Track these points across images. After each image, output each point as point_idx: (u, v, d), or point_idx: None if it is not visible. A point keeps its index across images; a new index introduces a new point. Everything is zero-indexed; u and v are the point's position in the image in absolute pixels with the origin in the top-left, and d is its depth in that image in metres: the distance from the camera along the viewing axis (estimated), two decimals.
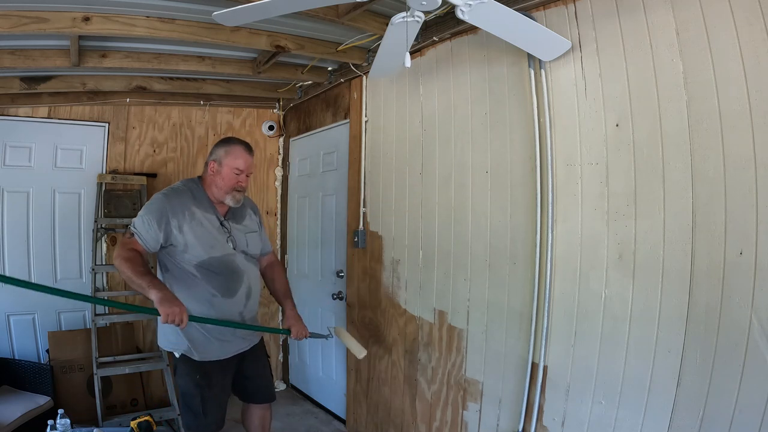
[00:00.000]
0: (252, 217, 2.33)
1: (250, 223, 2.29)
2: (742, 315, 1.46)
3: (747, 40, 1.46)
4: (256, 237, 2.30)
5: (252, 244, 2.27)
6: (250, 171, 2.17)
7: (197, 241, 2.06)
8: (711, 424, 1.53)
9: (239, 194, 2.15)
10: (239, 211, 2.25)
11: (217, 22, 1.77)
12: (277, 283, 2.40)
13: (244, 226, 2.25)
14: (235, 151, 2.12)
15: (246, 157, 2.14)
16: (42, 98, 3.27)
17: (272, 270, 2.42)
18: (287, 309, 2.34)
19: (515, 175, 2.16)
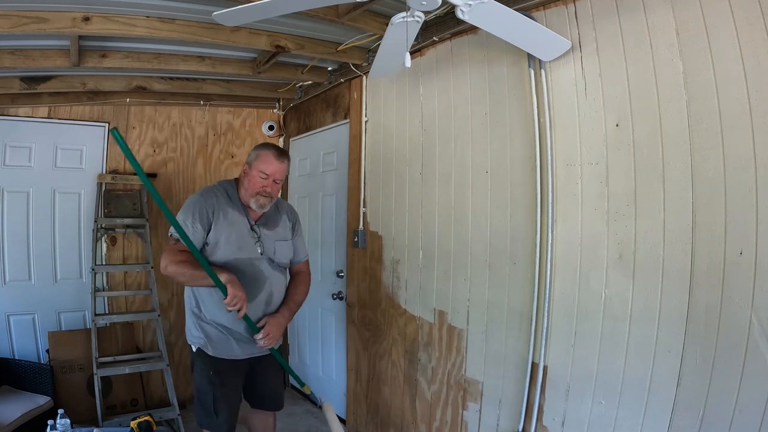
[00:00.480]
0: (286, 224, 2.29)
1: (283, 231, 2.26)
2: (742, 315, 1.46)
3: (747, 40, 1.46)
4: (286, 245, 2.26)
5: (281, 252, 2.23)
6: (277, 177, 2.12)
7: (227, 240, 2.08)
8: (711, 424, 1.53)
9: (264, 199, 2.11)
10: (273, 217, 2.24)
11: (217, 22, 1.77)
12: (291, 290, 2.30)
13: (274, 232, 2.22)
14: (264, 155, 2.11)
15: (274, 163, 2.10)
16: (42, 98, 3.27)
17: (295, 278, 2.35)
18: (279, 312, 2.19)
19: (515, 175, 2.16)
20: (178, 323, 3.84)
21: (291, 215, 2.33)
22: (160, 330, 3.38)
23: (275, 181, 2.11)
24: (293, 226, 2.32)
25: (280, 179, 2.13)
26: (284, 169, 2.14)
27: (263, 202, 2.11)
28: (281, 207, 2.28)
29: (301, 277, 2.36)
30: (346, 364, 3.31)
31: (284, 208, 2.31)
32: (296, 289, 2.30)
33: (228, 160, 4.01)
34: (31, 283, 3.36)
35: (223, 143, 3.99)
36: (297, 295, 2.29)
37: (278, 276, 2.23)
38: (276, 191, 2.15)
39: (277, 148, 2.16)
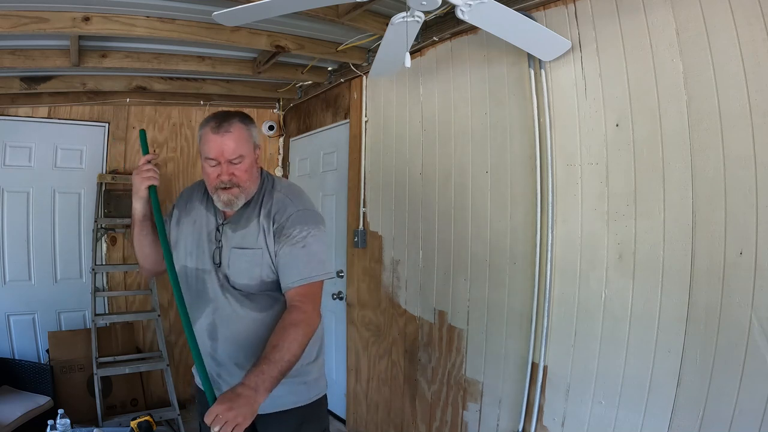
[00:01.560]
0: (259, 225, 1.50)
1: (248, 234, 1.51)
2: (742, 315, 1.46)
3: (747, 40, 1.46)
4: (247, 257, 1.49)
5: (237, 266, 1.49)
6: (229, 155, 1.44)
7: (181, 240, 1.60)
8: (711, 424, 1.53)
9: (225, 193, 1.47)
10: (247, 213, 1.53)
11: (217, 22, 1.77)
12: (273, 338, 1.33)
13: (238, 236, 1.51)
14: (203, 135, 1.48)
15: (213, 139, 1.44)
16: (42, 98, 3.27)
17: (284, 318, 1.40)
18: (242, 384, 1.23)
19: (515, 175, 2.16)
20: (177, 323, 3.84)
21: (279, 212, 1.50)
22: (160, 330, 3.38)
23: (231, 162, 1.45)
24: (278, 230, 1.48)
25: (235, 156, 1.45)
26: (234, 140, 1.44)
27: (227, 198, 1.48)
28: (267, 199, 1.54)
29: (293, 315, 1.38)
30: (346, 364, 3.30)
31: (271, 201, 1.53)
32: (280, 338, 1.32)
33: None
34: (31, 283, 3.36)
35: None
36: (278, 349, 1.30)
37: (229, 303, 1.50)
38: (242, 176, 1.47)
39: (217, 117, 1.49)
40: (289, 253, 1.46)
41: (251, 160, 1.50)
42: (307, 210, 1.53)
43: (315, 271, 1.46)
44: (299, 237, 1.46)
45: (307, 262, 1.46)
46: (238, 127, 1.46)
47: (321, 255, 1.49)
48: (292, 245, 1.46)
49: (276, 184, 1.59)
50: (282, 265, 1.48)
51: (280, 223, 1.49)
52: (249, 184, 1.51)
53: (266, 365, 1.27)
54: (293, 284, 1.44)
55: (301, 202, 1.54)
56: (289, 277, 1.45)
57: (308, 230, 1.48)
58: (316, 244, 1.48)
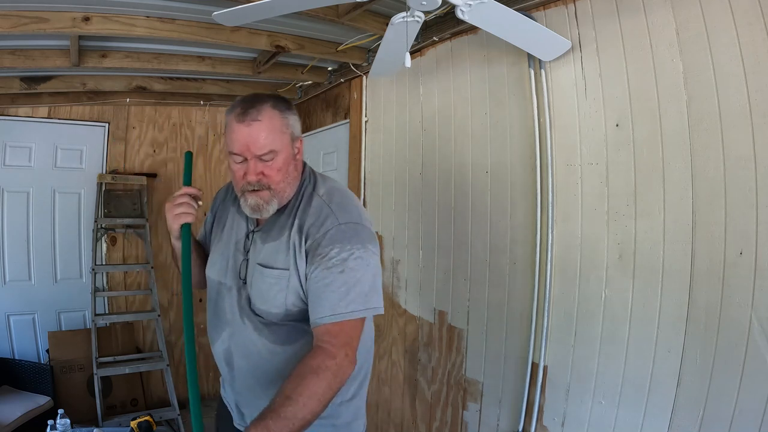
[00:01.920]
0: (288, 239, 1.21)
1: (279, 251, 1.22)
2: (742, 315, 1.46)
3: (747, 40, 1.46)
4: (273, 280, 1.21)
5: (259, 287, 1.23)
6: (257, 149, 1.16)
7: (214, 249, 1.41)
8: (711, 424, 1.53)
9: (253, 197, 1.20)
10: (281, 221, 1.25)
11: (217, 22, 1.77)
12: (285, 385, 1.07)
13: (266, 249, 1.24)
14: (228, 124, 1.21)
15: (239, 130, 1.17)
16: (42, 98, 3.27)
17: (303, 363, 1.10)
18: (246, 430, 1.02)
19: (515, 175, 2.16)
20: (177, 323, 3.85)
21: (315, 224, 1.19)
22: (160, 330, 3.38)
23: (260, 158, 1.17)
24: (312, 247, 1.17)
25: (264, 152, 1.16)
26: (264, 130, 1.16)
27: (254, 202, 1.21)
28: (305, 206, 1.24)
29: (317, 360, 1.09)
30: None
31: (308, 209, 1.23)
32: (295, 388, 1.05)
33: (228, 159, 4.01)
34: (31, 283, 3.36)
35: (223, 143, 3.98)
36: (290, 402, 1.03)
37: (245, 330, 1.25)
38: (274, 176, 1.19)
39: (245, 101, 1.20)
40: (322, 278, 1.13)
41: (287, 155, 1.20)
42: (353, 224, 1.18)
43: (354, 304, 1.12)
44: (338, 259, 1.13)
45: (345, 292, 1.12)
46: (269, 114, 1.16)
47: (365, 284, 1.15)
48: (328, 269, 1.13)
49: (318, 185, 1.27)
50: (312, 294, 1.15)
51: (315, 239, 1.16)
52: (283, 186, 1.21)
53: (273, 420, 0.99)
54: (323, 320, 1.12)
55: (345, 213, 1.19)
56: (319, 310, 1.13)
57: (351, 250, 1.14)
58: (359, 270, 1.14)
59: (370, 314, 1.19)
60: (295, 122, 1.25)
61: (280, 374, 1.18)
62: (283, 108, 1.21)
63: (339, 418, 1.28)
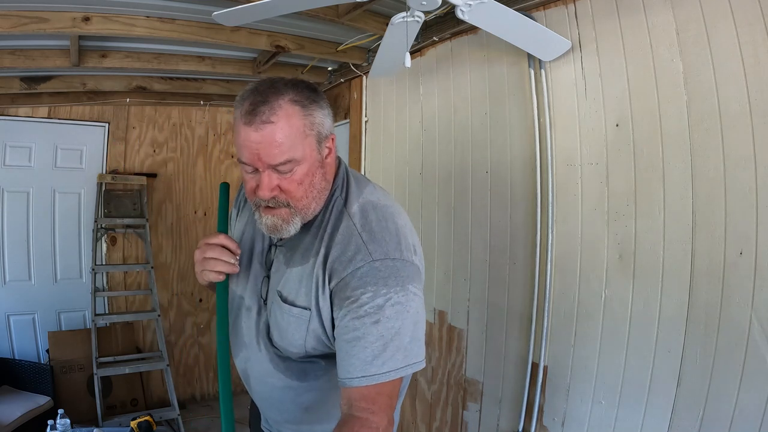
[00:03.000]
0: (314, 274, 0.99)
1: (303, 283, 1.00)
2: (742, 315, 1.46)
3: (747, 40, 1.46)
4: (291, 318, 1.01)
5: (276, 320, 1.04)
6: (272, 162, 0.92)
7: None
8: (711, 424, 1.53)
9: (270, 216, 0.98)
10: (306, 241, 1.03)
11: (217, 22, 1.77)
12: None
13: (288, 276, 1.04)
14: (234, 122, 0.95)
15: (246, 135, 0.91)
16: (42, 98, 3.26)
17: None
18: None
19: (515, 175, 2.16)
20: (177, 323, 3.85)
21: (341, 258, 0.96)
22: (160, 330, 3.38)
23: (276, 169, 0.93)
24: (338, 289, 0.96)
25: (280, 161, 0.92)
26: (279, 135, 0.90)
27: (271, 222, 0.98)
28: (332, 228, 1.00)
29: None
30: None
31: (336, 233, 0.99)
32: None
33: (228, 160, 4.01)
34: (31, 283, 3.36)
35: (223, 143, 3.99)
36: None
37: (261, 358, 1.09)
38: (294, 191, 0.96)
39: (256, 93, 0.93)
40: (353, 329, 0.92)
41: (311, 163, 0.95)
42: (392, 260, 0.94)
43: (392, 362, 0.91)
44: (371, 306, 0.91)
45: (382, 348, 0.90)
46: (286, 113, 0.90)
47: (404, 336, 0.92)
48: (359, 318, 0.91)
49: (351, 197, 1.02)
50: (340, 348, 0.94)
51: (342, 278, 0.94)
52: (307, 202, 0.98)
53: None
54: (353, 382, 0.91)
55: (381, 244, 0.95)
56: (349, 369, 0.92)
57: (387, 295, 0.91)
58: (398, 319, 0.91)
59: (410, 371, 0.95)
60: (323, 117, 0.97)
61: (298, 408, 1.09)
62: (305, 101, 0.93)
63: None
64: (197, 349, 3.93)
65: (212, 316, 3.97)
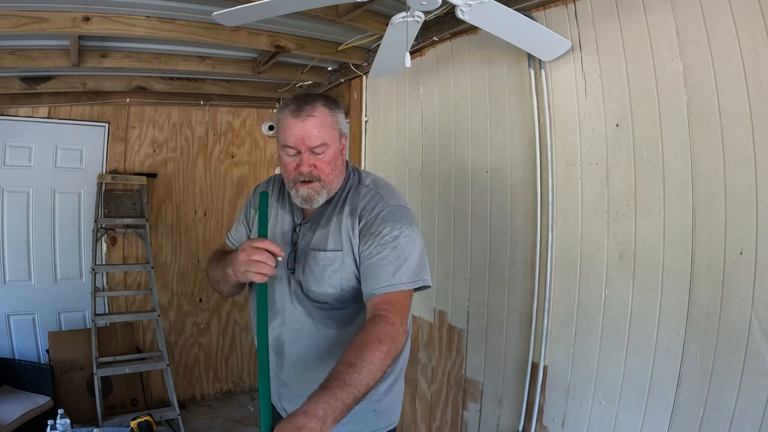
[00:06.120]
0: (339, 224, 1.33)
1: (331, 236, 1.32)
2: (742, 315, 1.46)
3: (747, 40, 1.46)
4: (328, 261, 1.31)
5: (313, 271, 1.31)
6: (310, 142, 1.28)
7: None
8: (711, 424, 1.53)
9: (305, 188, 1.31)
10: (328, 211, 1.37)
11: (217, 22, 1.77)
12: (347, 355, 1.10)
13: (317, 236, 1.34)
14: (281, 119, 1.32)
15: (293, 125, 1.28)
16: (42, 98, 3.27)
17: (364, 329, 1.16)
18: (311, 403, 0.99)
19: (515, 175, 2.16)
20: (177, 323, 3.85)
21: (366, 208, 1.32)
22: (160, 330, 3.38)
23: (313, 151, 1.29)
24: (365, 228, 1.30)
25: (317, 144, 1.28)
26: (317, 125, 1.28)
27: (306, 192, 1.31)
28: (353, 195, 1.36)
29: (378, 327, 1.14)
30: None
31: (357, 196, 1.36)
32: (359, 354, 1.09)
33: (228, 160, 4.01)
34: (31, 283, 3.36)
35: (223, 143, 3.99)
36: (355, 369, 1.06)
37: (299, 316, 1.34)
38: (325, 168, 1.31)
39: (298, 99, 1.32)
40: (376, 253, 1.24)
41: (336, 150, 1.33)
42: (400, 207, 1.33)
43: (406, 276, 1.23)
44: (390, 236, 1.25)
45: (399, 265, 1.23)
46: (321, 112, 1.29)
47: (415, 259, 1.26)
48: (381, 245, 1.25)
49: (362, 177, 1.41)
50: (367, 268, 1.25)
51: (368, 220, 1.29)
52: (332, 178, 1.34)
53: (340, 389, 1.00)
54: (379, 290, 1.21)
55: (393, 198, 1.35)
56: (375, 282, 1.22)
57: (401, 229, 1.27)
58: (409, 246, 1.26)
59: (420, 286, 1.27)
60: (343, 120, 1.37)
61: (333, 357, 1.24)
62: (333, 106, 1.34)
63: (380, 403, 1.35)
64: (197, 349, 3.93)
65: (212, 316, 3.98)
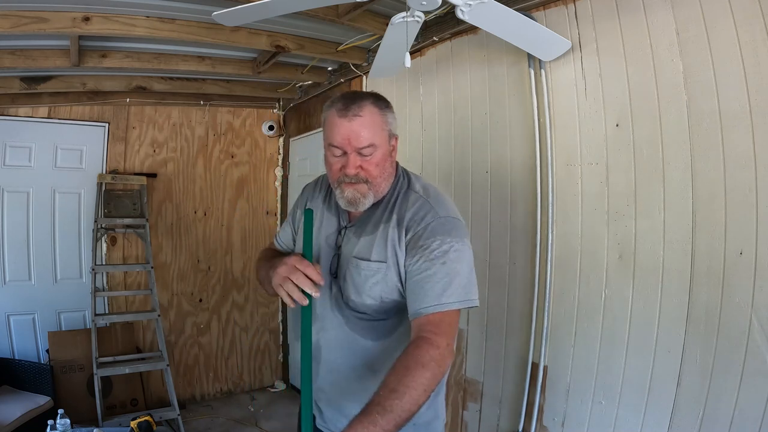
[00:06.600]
0: (384, 233, 1.24)
1: (377, 245, 1.24)
2: (742, 315, 1.46)
3: (747, 40, 1.46)
4: (370, 272, 1.23)
5: (355, 280, 1.24)
6: (357, 143, 1.20)
7: (298, 243, 1.42)
8: (711, 424, 1.53)
9: (350, 190, 1.23)
10: (375, 216, 1.28)
11: (217, 22, 1.77)
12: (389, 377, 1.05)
13: (361, 243, 1.26)
14: (328, 118, 1.25)
15: (340, 124, 1.20)
16: (42, 98, 3.27)
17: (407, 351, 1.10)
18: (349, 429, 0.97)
19: (515, 175, 2.16)
20: (177, 323, 3.85)
21: (414, 218, 1.23)
22: (160, 330, 3.38)
23: (360, 153, 1.21)
24: (412, 240, 1.21)
25: (365, 145, 1.20)
26: (365, 125, 1.20)
27: (351, 194, 1.23)
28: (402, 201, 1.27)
29: (422, 351, 1.09)
30: None
31: (406, 203, 1.26)
32: (401, 380, 1.04)
33: (228, 160, 4.01)
34: (31, 283, 3.36)
35: (223, 143, 3.99)
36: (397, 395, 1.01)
37: (337, 324, 1.27)
38: (373, 170, 1.23)
39: (346, 97, 1.24)
40: (424, 270, 1.17)
41: (385, 151, 1.25)
42: (450, 218, 1.22)
43: (455, 295, 1.16)
44: (439, 251, 1.17)
45: (448, 283, 1.15)
46: (370, 111, 1.22)
47: (464, 276, 1.19)
48: (430, 261, 1.16)
49: (413, 182, 1.32)
50: (413, 285, 1.18)
51: (416, 232, 1.21)
52: (380, 181, 1.25)
53: (380, 415, 0.97)
54: (426, 310, 1.14)
55: (443, 207, 1.24)
56: (421, 301, 1.15)
57: (451, 243, 1.17)
58: (459, 262, 1.18)
59: (468, 306, 1.20)
60: (393, 120, 1.28)
61: (368, 369, 1.24)
62: (382, 105, 1.25)
63: (420, 417, 1.20)
64: (197, 349, 3.93)
65: (212, 316, 3.97)
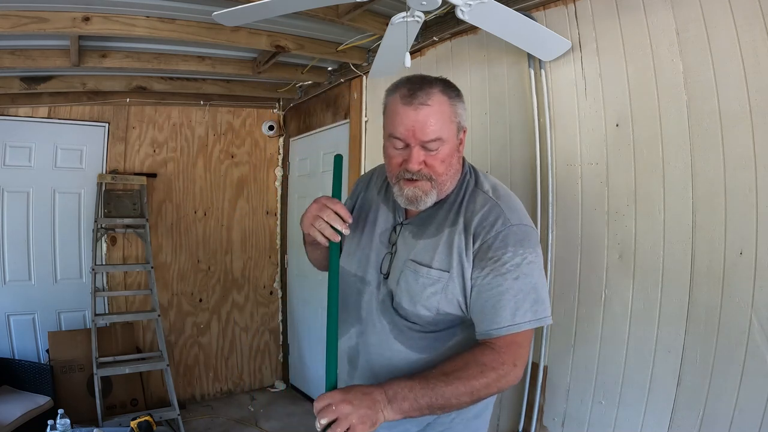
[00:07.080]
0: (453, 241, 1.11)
1: (439, 251, 1.12)
2: (742, 315, 1.46)
3: (747, 40, 1.46)
4: (429, 281, 1.11)
5: (409, 286, 1.13)
6: (423, 136, 1.07)
7: (350, 239, 1.28)
8: (711, 424, 1.53)
9: (411, 187, 1.11)
10: (439, 217, 1.16)
11: (217, 22, 1.77)
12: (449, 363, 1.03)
13: (420, 246, 1.15)
14: (390, 105, 1.13)
15: (405, 114, 1.08)
16: (42, 98, 3.27)
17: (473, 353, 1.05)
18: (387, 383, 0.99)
19: (515, 175, 2.16)
20: (177, 323, 3.85)
21: (483, 223, 1.10)
22: (160, 330, 3.38)
23: (425, 146, 1.08)
24: (481, 250, 1.08)
25: (431, 139, 1.07)
26: (433, 116, 1.07)
27: (412, 192, 1.11)
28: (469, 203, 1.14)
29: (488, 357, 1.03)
30: None
31: (474, 205, 1.13)
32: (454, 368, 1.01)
33: (228, 160, 4.01)
34: (31, 283, 3.36)
35: (223, 143, 3.99)
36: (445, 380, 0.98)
37: (382, 330, 1.17)
38: (438, 166, 1.10)
39: (412, 82, 1.11)
40: (495, 285, 1.05)
41: (452, 146, 1.11)
42: (522, 225, 1.10)
43: (529, 314, 1.04)
44: (512, 264, 1.04)
45: (521, 300, 1.04)
46: (439, 100, 1.07)
47: (539, 292, 1.07)
48: (501, 275, 1.04)
49: (480, 181, 1.18)
50: (483, 302, 1.06)
51: (485, 241, 1.07)
52: (445, 179, 1.12)
53: (421, 386, 0.95)
54: (497, 332, 1.03)
55: (514, 213, 1.11)
56: (491, 321, 1.04)
57: (524, 255, 1.05)
58: (532, 276, 1.06)
59: (542, 324, 1.07)
60: (463, 111, 1.15)
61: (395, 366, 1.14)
62: (452, 94, 1.12)
63: (469, 411, 1.16)
64: (197, 349, 3.93)
65: (212, 316, 3.97)
